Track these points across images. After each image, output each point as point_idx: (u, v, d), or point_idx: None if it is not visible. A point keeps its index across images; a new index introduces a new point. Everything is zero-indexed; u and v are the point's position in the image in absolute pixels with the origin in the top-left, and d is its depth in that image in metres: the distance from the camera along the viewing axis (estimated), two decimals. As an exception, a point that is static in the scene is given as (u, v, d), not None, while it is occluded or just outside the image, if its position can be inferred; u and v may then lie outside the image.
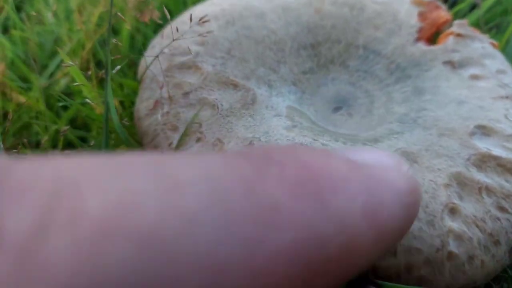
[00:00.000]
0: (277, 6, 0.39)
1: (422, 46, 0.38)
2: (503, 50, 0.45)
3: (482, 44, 0.38)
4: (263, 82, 0.34)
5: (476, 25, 0.49)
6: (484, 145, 0.30)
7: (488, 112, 0.32)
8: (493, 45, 0.39)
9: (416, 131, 0.31)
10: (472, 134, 0.30)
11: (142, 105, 0.34)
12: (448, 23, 0.41)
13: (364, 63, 0.38)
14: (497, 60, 0.37)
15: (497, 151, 0.29)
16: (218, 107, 0.32)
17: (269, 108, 0.33)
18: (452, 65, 0.36)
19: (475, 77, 0.35)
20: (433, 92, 0.34)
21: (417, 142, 0.30)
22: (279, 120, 0.32)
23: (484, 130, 0.30)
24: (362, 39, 0.39)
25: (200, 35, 0.34)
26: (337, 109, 0.35)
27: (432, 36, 0.40)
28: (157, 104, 0.33)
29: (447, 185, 0.28)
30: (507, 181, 0.29)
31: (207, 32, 0.34)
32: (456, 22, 0.39)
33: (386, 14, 0.39)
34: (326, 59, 0.38)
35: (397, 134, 0.32)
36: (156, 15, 0.44)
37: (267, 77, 0.35)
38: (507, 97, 0.33)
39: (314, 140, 0.30)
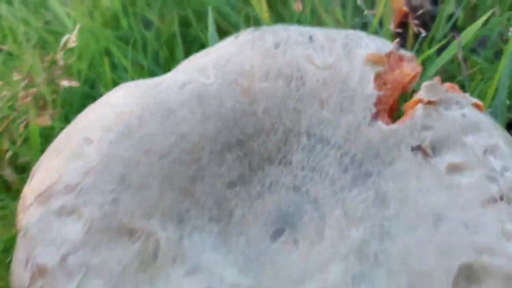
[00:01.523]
0: (191, 96, 0.30)
1: (382, 125, 0.28)
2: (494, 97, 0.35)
3: (462, 110, 0.28)
4: (170, 217, 0.26)
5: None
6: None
7: (477, 235, 0.22)
8: (477, 106, 0.29)
9: (379, 276, 0.22)
10: (456, 284, 0.21)
11: (16, 271, 0.25)
12: (417, 78, 0.32)
13: (310, 156, 0.29)
14: (483, 132, 0.27)
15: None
16: (107, 276, 0.23)
17: (178, 261, 0.24)
18: (423, 152, 0.27)
19: (455, 169, 0.26)
20: (400, 199, 0.25)
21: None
22: (190, 281, 0.23)
23: (472, 274, 0.21)
24: (305, 121, 0.30)
25: (81, 168, 0.26)
26: (277, 233, 0.27)
27: (397, 104, 0.31)
28: (32, 276, 0.24)
29: None
30: None
31: (86, 174, 0.26)
32: (425, 84, 0.29)
33: (333, 83, 0.30)
34: (260, 157, 0.29)
35: (357, 279, 0.23)
36: (57, 112, 0.36)
37: (177, 206, 0.26)
38: (501, 198, 0.24)
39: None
